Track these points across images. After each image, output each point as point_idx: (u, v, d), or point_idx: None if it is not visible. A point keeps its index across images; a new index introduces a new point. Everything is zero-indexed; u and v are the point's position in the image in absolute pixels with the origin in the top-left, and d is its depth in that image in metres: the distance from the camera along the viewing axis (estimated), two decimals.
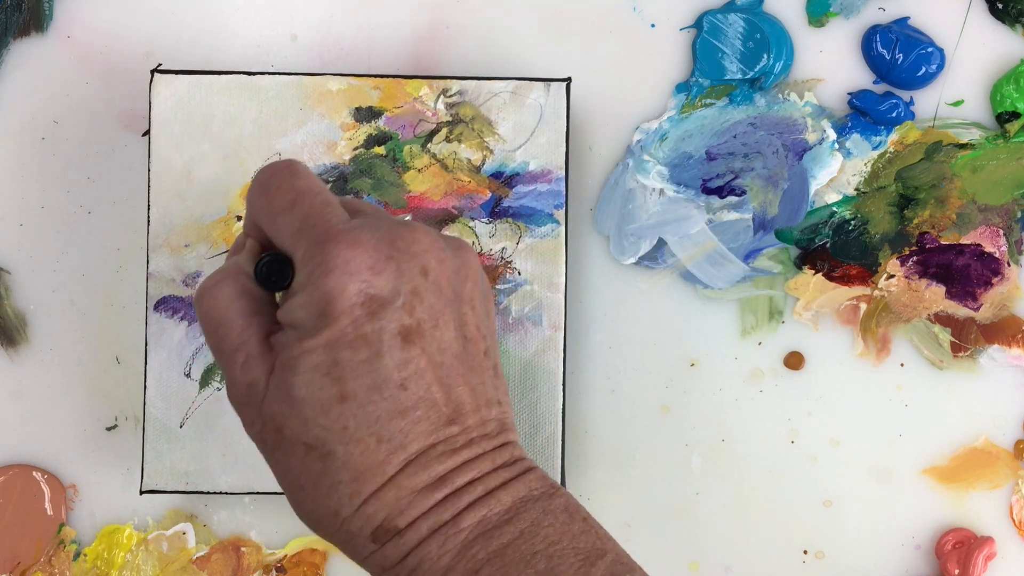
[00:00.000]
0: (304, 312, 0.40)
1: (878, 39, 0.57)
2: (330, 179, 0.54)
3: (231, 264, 0.43)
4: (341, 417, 0.39)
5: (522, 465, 0.42)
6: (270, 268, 0.41)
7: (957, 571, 0.56)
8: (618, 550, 0.41)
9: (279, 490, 0.53)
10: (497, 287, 0.54)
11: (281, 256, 0.41)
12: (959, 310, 0.57)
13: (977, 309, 0.57)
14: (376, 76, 0.54)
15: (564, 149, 0.54)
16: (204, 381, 0.54)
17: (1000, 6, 0.57)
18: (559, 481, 0.53)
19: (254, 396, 0.41)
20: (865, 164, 0.57)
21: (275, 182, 0.42)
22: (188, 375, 0.54)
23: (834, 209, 0.57)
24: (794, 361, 0.57)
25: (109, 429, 0.57)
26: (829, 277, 0.57)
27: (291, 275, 0.41)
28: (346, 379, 0.39)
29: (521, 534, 0.40)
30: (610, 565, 0.40)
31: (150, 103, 0.54)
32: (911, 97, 0.57)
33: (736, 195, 0.57)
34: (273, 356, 0.41)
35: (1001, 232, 0.57)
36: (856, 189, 0.57)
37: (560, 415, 0.54)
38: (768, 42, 0.57)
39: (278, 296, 0.43)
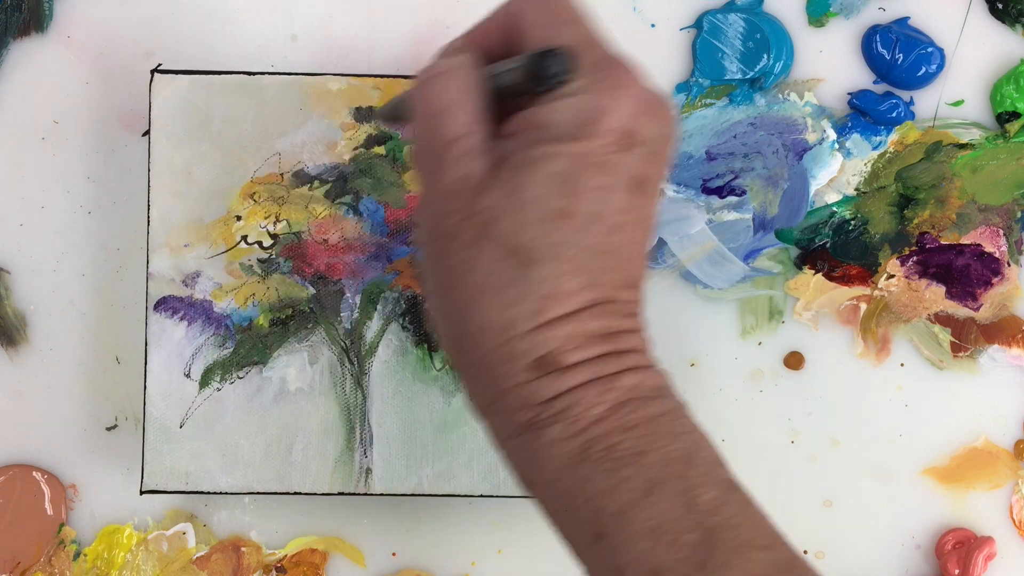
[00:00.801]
0: (568, 115, 0.39)
1: (878, 39, 0.57)
2: (330, 179, 0.54)
3: (459, 59, 0.41)
4: (558, 231, 0.38)
5: (660, 365, 0.42)
6: (553, 59, 0.39)
7: (957, 571, 0.56)
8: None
9: (279, 490, 0.53)
10: None
11: (565, 52, 0.39)
12: (959, 310, 0.57)
13: (977, 309, 0.57)
14: (376, 76, 0.54)
15: None
16: (204, 381, 0.54)
17: (1000, 6, 0.57)
18: None
19: (466, 188, 0.39)
20: (865, 164, 0.57)
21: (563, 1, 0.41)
22: (188, 375, 0.54)
23: (834, 209, 0.57)
24: (794, 361, 0.57)
25: (109, 429, 0.57)
26: (829, 277, 0.57)
27: (570, 71, 0.39)
28: (577, 196, 0.38)
29: (669, 411, 0.40)
30: (733, 475, 0.40)
31: (150, 103, 0.54)
32: (911, 97, 0.57)
33: (736, 195, 0.57)
34: (496, 157, 0.39)
35: (1001, 232, 0.57)
36: (856, 189, 0.57)
37: None
38: (768, 42, 0.57)
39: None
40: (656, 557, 0.38)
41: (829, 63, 0.57)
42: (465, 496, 0.53)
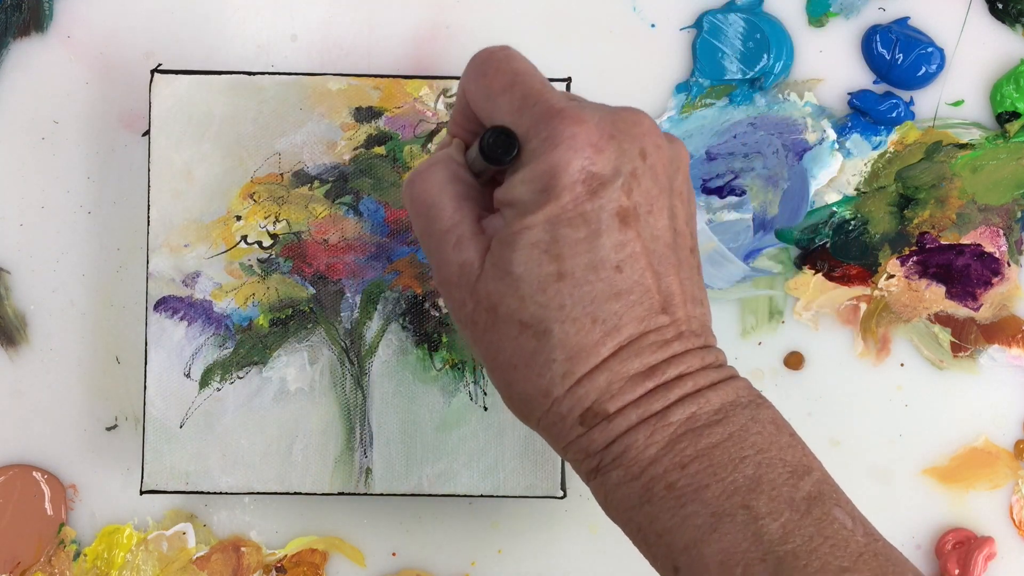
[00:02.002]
0: (526, 187, 0.39)
1: (878, 39, 0.57)
2: (330, 179, 0.54)
3: (441, 154, 0.43)
4: (558, 295, 0.39)
5: (728, 370, 0.42)
6: (497, 139, 0.40)
7: (957, 571, 0.56)
8: (823, 470, 0.40)
9: (279, 490, 0.53)
10: None
11: (509, 131, 0.40)
12: (959, 310, 0.57)
13: (977, 309, 0.57)
14: (376, 76, 0.54)
15: None
16: (204, 381, 0.54)
17: (1000, 6, 0.57)
18: (560, 484, 0.53)
19: (467, 276, 0.41)
20: (865, 164, 0.57)
21: (491, 65, 0.41)
22: (188, 375, 0.54)
23: (834, 209, 0.57)
24: (794, 361, 0.57)
25: (109, 429, 0.57)
26: (829, 277, 0.57)
27: (517, 147, 0.40)
28: (564, 257, 0.39)
29: (730, 436, 0.39)
30: (817, 483, 0.39)
31: (150, 103, 0.54)
32: (911, 97, 0.57)
33: (736, 195, 0.57)
34: (486, 237, 0.41)
35: (1001, 232, 0.57)
36: (856, 189, 0.57)
37: None
38: (768, 42, 0.57)
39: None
40: None
41: (829, 63, 0.57)
42: (465, 496, 0.53)
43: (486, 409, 0.53)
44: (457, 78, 0.54)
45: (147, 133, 0.56)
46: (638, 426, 0.40)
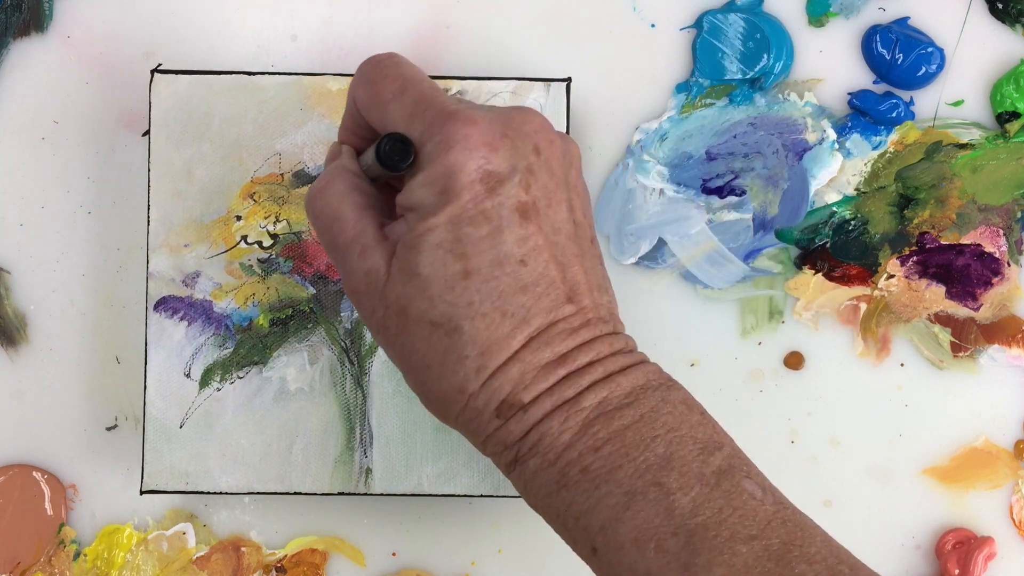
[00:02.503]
0: (426, 191, 0.40)
1: (878, 39, 0.57)
2: None
3: (334, 166, 0.44)
4: (466, 292, 0.40)
5: (638, 355, 0.42)
6: (392, 146, 0.41)
7: (957, 571, 0.56)
8: (734, 446, 0.41)
9: (279, 490, 0.53)
10: None
11: (404, 137, 0.41)
12: (959, 310, 0.57)
13: (977, 309, 0.57)
14: None
15: None
16: (204, 381, 0.54)
17: (1000, 6, 0.57)
18: None
19: (374, 283, 0.41)
20: (865, 164, 0.57)
21: (380, 72, 0.42)
22: (188, 375, 0.54)
23: (834, 209, 0.57)
24: (794, 361, 0.57)
25: (109, 429, 0.57)
26: (829, 277, 0.57)
27: (413, 153, 0.41)
28: (469, 255, 0.40)
29: (641, 418, 0.40)
30: (727, 457, 0.40)
31: (150, 103, 0.54)
32: (911, 97, 0.57)
33: (736, 195, 0.57)
34: (391, 244, 0.42)
35: (1001, 232, 0.57)
36: (856, 189, 0.57)
37: None
38: (768, 42, 0.57)
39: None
40: (644, 565, 0.39)
41: (829, 63, 0.57)
42: (465, 496, 0.53)
43: None
44: (458, 78, 0.54)
45: (147, 133, 0.56)
46: (552, 413, 0.40)
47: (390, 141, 0.41)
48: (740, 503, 0.39)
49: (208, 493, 0.53)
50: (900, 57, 0.57)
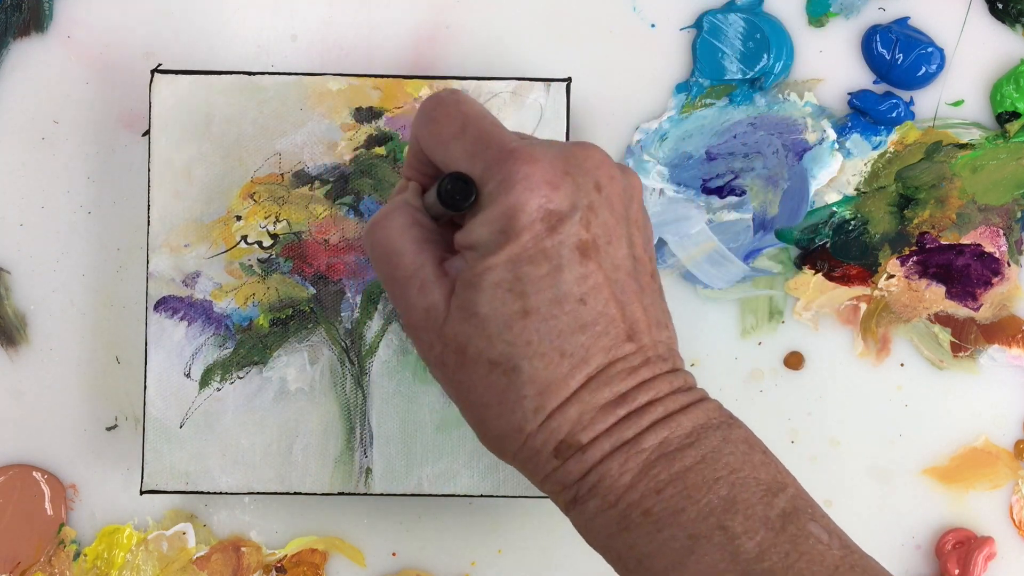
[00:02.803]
0: (486, 229, 0.40)
1: (878, 39, 0.57)
2: (331, 179, 0.54)
3: (399, 200, 0.43)
4: (525, 332, 0.40)
5: (698, 393, 0.42)
6: (454, 185, 0.40)
7: (957, 571, 0.56)
8: (798, 485, 0.41)
9: (279, 490, 0.53)
10: None
11: (465, 176, 0.41)
12: (959, 310, 0.57)
13: (977, 309, 0.57)
14: (376, 76, 0.54)
15: None
16: (204, 381, 0.54)
17: (1000, 6, 0.57)
18: None
19: (433, 319, 0.41)
20: (865, 164, 0.57)
21: (442, 111, 0.42)
22: (188, 375, 0.54)
23: (834, 209, 0.57)
24: (794, 361, 0.57)
25: (109, 429, 0.57)
26: (829, 277, 0.57)
27: (475, 193, 0.41)
28: (528, 294, 0.40)
29: (703, 459, 0.40)
30: (792, 499, 0.40)
31: (150, 103, 0.54)
32: (911, 97, 0.57)
33: (736, 195, 0.57)
34: (450, 280, 0.41)
35: (1001, 232, 0.57)
36: (856, 189, 0.57)
37: None
38: (768, 42, 0.57)
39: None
40: None
41: (829, 63, 0.57)
42: (465, 496, 0.53)
43: None
44: (458, 78, 0.54)
45: (147, 133, 0.56)
46: (612, 454, 0.40)
47: (451, 180, 0.41)
48: (807, 548, 0.38)
49: (208, 493, 0.53)
50: (900, 57, 0.57)
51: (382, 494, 0.53)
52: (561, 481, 0.41)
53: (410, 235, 0.42)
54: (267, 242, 0.54)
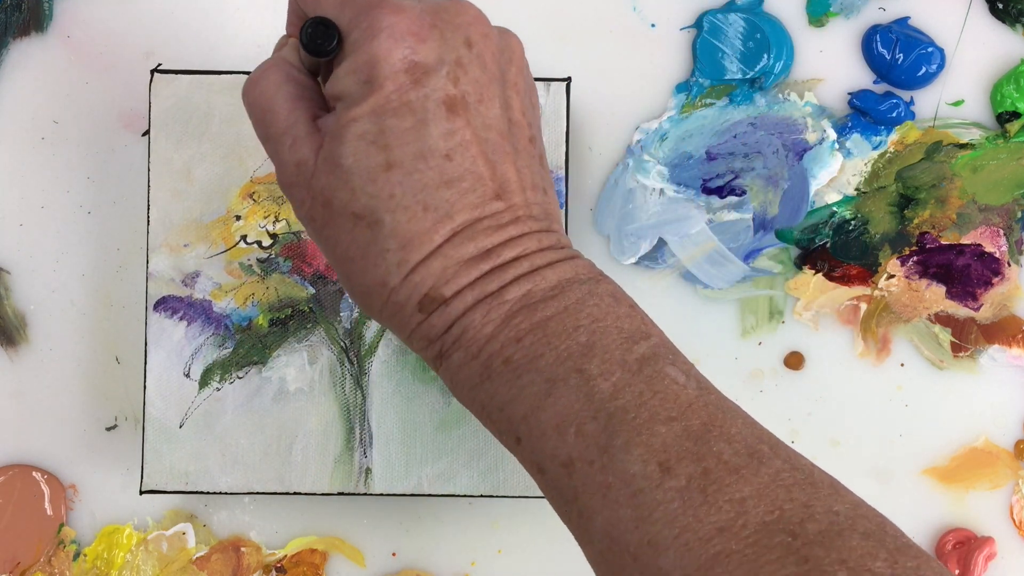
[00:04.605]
0: (350, 79, 0.40)
1: (878, 39, 0.57)
2: None
3: (275, 56, 0.43)
4: (388, 185, 0.39)
5: (568, 251, 0.42)
6: (315, 30, 0.40)
7: (957, 571, 0.56)
8: (663, 336, 0.41)
9: (279, 490, 0.53)
10: None
11: (327, 20, 0.41)
12: (959, 310, 0.57)
13: (977, 309, 0.57)
14: None
15: (564, 149, 0.54)
16: (204, 381, 0.54)
17: (1000, 6, 0.57)
18: None
19: (303, 174, 0.41)
20: (865, 164, 0.57)
21: None
22: (188, 375, 0.54)
23: (834, 209, 0.57)
24: (794, 361, 0.57)
25: (109, 429, 0.57)
26: (829, 277, 0.57)
27: (338, 39, 0.40)
28: (392, 147, 0.39)
29: (565, 309, 0.40)
30: (653, 346, 0.40)
31: (150, 103, 0.54)
32: (911, 97, 0.57)
33: (736, 195, 0.57)
34: (321, 135, 0.41)
35: (1001, 232, 0.57)
36: (856, 189, 0.57)
37: None
38: (768, 42, 0.57)
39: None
40: (565, 450, 0.39)
41: (829, 63, 0.57)
42: (465, 496, 0.53)
43: None
44: None
45: (147, 133, 0.56)
46: (474, 307, 0.40)
47: (312, 25, 0.40)
48: (662, 387, 0.39)
49: (208, 493, 0.53)
50: (900, 57, 0.57)
51: (382, 494, 0.53)
52: (426, 335, 0.41)
53: (284, 91, 0.42)
54: (266, 242, 0.54)
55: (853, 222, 0.57)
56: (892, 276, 0.57)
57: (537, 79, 0.54)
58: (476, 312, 0.40)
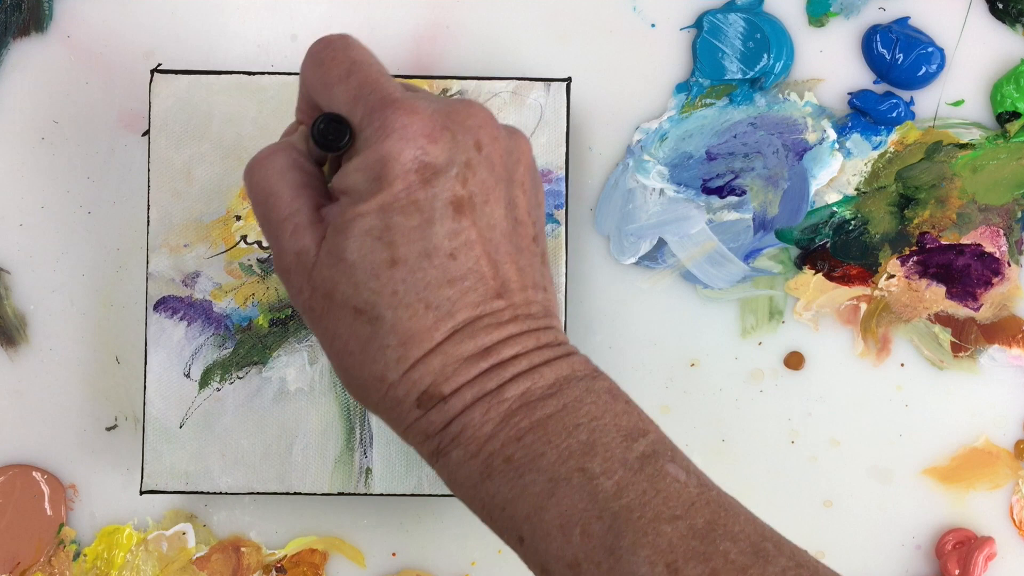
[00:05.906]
0: (359, 176, 0.40)
1: (878, 39, 0.57)
2: None
3: (283, 141, 0.43)
4: (391, 281, 0.40)
5: (566, 348, 0.42)
6: (328, 127, 0.41)
7: (957, 571, 0.56)
8: (659, 432, 0.41)
9: (279, 490, 0.53)
10: None
11: (340, 117, 0.41)
12: (959, 310, 0.57)
13: (977, 309, 0.57)
14: None
15: (564, 149, 0.54)
16: (204, 381, 0.54)
17: (1000, 6, 0.57)
18: None
19: (303, 264, 0.41)
20: (865, 164, 0.57)
21: (329, 53, 0.42)
22: (188, 375, 0.54)
23: (834, 209, 0.57)
24: (794, 361, 0.57)
25: (109, 429, 0.57)
26: (829, 277, 0.57)
27: (349, 136, 0.41)
28: (397, 244, 0.40)
29: (564, 407, 0.40)
30: (652, 443, 0.40)
31: (150, 103, 0.54)
32: (911, 97, 0.57)
33: (736, 195, 0.57)
34: (324, 226, 0.41)
35: (1001, 232, 0.57)
36: (856, 189, 0.57)
37: None
38: (768, 42, 0.57)
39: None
40: (571, 551, 0.39)
41: (829, 63, 0.57)
42: None
43: None
44: (458, 78, 0.54)
45: (147, 133, 0.56)
46: (473, 405, 0.40)
47: (325, 120, 0.41)
48: (664, 485, 0.39)
49: (208, 493, 0.53)
50: (900, 57, 0.56)
51: (382, 494, 0.53)
52: (424, 431, 0.41)
53: (288, 178, 0.42)
54: (266, 242, 0.54)
55: (853, 222, 0.57)
56: (892, 276, 0.57)
57: (537, 79, 0.54)
58: (475, 410, 0.40)
